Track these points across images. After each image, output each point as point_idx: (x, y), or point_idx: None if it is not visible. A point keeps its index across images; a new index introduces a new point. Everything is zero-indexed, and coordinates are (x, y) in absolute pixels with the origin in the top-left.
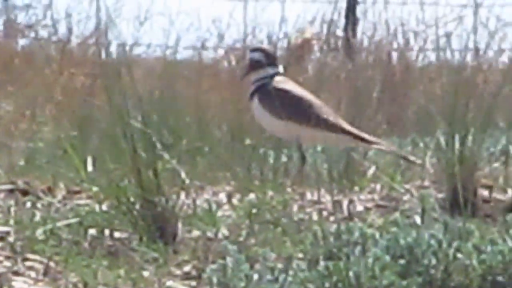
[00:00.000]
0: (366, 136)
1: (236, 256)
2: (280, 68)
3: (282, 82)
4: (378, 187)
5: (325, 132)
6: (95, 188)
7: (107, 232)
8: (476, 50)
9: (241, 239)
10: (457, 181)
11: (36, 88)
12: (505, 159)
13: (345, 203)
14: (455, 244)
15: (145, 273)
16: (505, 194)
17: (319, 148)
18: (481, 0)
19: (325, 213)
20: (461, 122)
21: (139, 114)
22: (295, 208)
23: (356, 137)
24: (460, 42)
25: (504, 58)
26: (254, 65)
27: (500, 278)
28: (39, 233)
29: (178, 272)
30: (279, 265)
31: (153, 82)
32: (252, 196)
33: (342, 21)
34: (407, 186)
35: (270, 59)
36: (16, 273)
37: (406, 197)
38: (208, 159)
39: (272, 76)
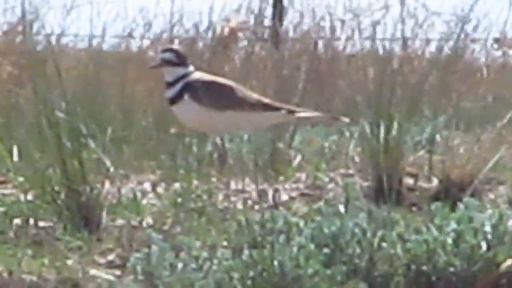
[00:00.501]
0: (293, 108)
1: (160, 244)
2: (191, 67)
3: (203, 76)
4: (303, 176)
5: (262, 112)
6: (20, 178)
7: (32, 221)
8: (403, 39)
9: (165, 227)
10: (382, 169)
11: None
12: (430, 148)
13: (270, 192)
14: (379, 233)
15: (69, 262)
16: (430, 183)
17: (245, 137)
18: None
19: (250, 202)
20: (386, 111)
21: (64, 103)
22: (220, 197)
23: (288, 111)
24: (387, 31)
25: (432, 48)
26: (166, 65)
27: (424, 267)
28: None
29: (102, 260)
30: (204, 254)
31: (79, 71)
32: (177, 185)
33: (269, 10)
34: (332, 175)
35: (181, 59)
36: None
37: (331, 186)
38: (133, 148)
39: (188, 75)
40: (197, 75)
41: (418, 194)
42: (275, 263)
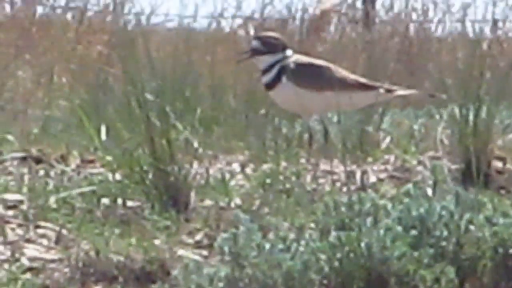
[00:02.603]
0: (390, 86)
1: (248, 225)
2: (289, 51)
3: (300, 58)
4: (391, 158)
5: (360, 92)
6: (108, 157)
7: (119, 201)
8: (494, 21)
9: (253, 208)
10: (471, 152)
11: (53, 56)
12: None
13: (358, 174)
14: (467, 216)
15: (157, 242)
16: None
17: (334, 119)
18: None
19: (338, 184)
20: (476, 94)
21: (153, 83)
22: (308, 178)
23: (386, 90)
24: (478, 13)
25: None
26: (255, 54)
27: None
28: (52, 201)
29: (189, 240)
30: (291, 235)
31: (169, 51)
32: (265, 166)
33: None
34: (420, 158)
35: (269, 46)
36: (28, 241)
37: (419, 168)
38: (222, 128)
39: (284, 59)
40: (294, 58)
41: (506, 177)
42: (362, 245)
